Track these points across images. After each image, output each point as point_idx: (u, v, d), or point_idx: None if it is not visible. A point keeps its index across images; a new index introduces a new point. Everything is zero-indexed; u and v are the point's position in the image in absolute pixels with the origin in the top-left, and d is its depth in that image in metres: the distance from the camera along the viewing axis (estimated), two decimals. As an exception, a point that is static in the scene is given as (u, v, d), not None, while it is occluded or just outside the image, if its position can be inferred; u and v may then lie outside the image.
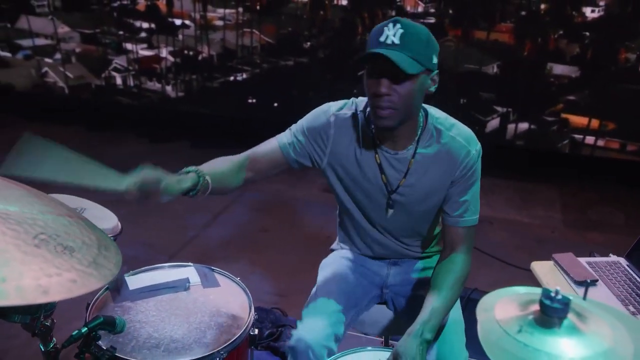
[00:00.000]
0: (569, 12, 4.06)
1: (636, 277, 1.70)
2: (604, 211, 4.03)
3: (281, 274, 3.22)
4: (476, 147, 1.54)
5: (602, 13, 3.99)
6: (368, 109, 1.53)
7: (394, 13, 4.42)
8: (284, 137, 1.63)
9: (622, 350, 0.77)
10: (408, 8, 4.38)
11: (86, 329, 1.26)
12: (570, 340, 0.79)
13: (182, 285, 1.65)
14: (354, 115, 1.57)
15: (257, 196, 4.17)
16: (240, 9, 4.79)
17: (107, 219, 1.84)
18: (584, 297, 0.99)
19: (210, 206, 4.00)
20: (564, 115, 4.29)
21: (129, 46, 5.24)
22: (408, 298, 1.71)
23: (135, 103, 5.41)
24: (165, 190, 1.31)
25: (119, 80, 5.42)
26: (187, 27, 5.00)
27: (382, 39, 1.36)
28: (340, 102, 1.63)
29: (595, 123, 4.24)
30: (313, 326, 1.55)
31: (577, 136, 4.30)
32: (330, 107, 1.62)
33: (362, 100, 1.59)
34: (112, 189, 1.24)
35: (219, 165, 1.56)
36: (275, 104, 5.02)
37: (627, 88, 4.10)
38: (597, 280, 1.66)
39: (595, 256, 1.83)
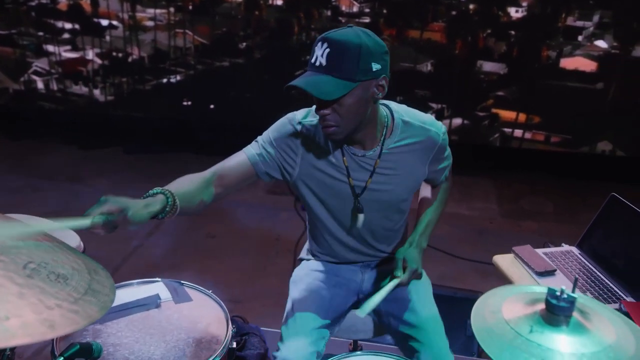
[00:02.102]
0: (496, 12, 4.26)
1: (589, 264, 1.82)
2: (536, 201, 4.27)
3: (233, 280, 3.17)
4: (443, 129, 1.62)
5: (525, 13, 4.22)
6: None
7: (329, 13, 4.46)
8: (252, 149, 1.60)
9: (625, 343, 0.82)
10: (343, 8, 4.43)
11: (62, 358, 1.18)
12: (579, 337, 0.84)
13: (152, 303, 1.59)
14: (319, 122, 1.54)
15: (201, 201, 4.08)
16: (172, 9, 4.65)
17: (68, 238, 1.73)
18: (573, 291, 1.06)
19: (151, 214, 3.86)
20: (494, 110, 4.50)
21: (50, 48, 4.95)
22: (384, 300, 1.73)
23: (61, 108, 5.12)
24: (133, 219, 1.22)
25: (40, 85, 5.11)
26: (115, 27, 4.79)
27: (312, 60, 1.39)
28: (303, 111, 1.62)
29: (522, 117, 4.49)
30: (295, 346, 1.55)
31: (506, 130, 4.53)
32: (295, 116, 1.61)
33: None
34: (77, 226, 1.14)
35: (186, 184, 1.48)
36: (212, 106, 4.92)
37: (550, 83, 4.37)
38: (555, 270, 1.77)
39: (549, 246, 1.94)
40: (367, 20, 4.39)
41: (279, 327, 2.60)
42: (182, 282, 1.70)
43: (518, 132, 4.53)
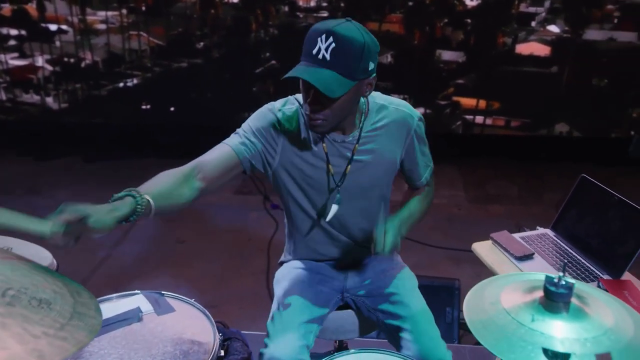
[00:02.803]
0: (451, 1, 4.31)
1: (564, 246, 1.86)
2: (500, 185, 4.36)
3: (207, 285, 3.12)
4: (418, 114, 1.63)
5: (479, 1, 4.29)
6: None
7: (287, 9, 4.42)
8: (235, 140, 1.56)
9: (624, 325, 0.83)
10: (301, 3, 4.40)
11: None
12: (580, 322, 0.85)
13: (134, 316, 1.53)
14: (298, 110, 1.57)
15: (167, 206, 3.99)
16: (124, 11, 4.51)
17: (40, 257, 1.65)
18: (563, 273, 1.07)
19: (117, 223, 3.75)
20: (455, 99, 4.57)
21: (-5, 56, 4.74)
22: (370, 296, 1.73)
23: (11, 118, 4.91)
24: (97, 226, 1.13)
25: (-13, 95, 4.89)
26: (65, 32, 4.62)
27: (314, 51, 1.35)
28: (280, 100, 1.62)
29: (482, 103, 4.56)
30: (283, 342, 1.52)
31: (468, 117, 4.60)
32: (274, 105, 1.61)
33: (299, 96, 1.57)
34: (37, 232, 1.07)
35: (162, 181, 1.41)
36: (172, 108, 4.82)
37: (506, 69, 4.45)
38: (533, 254, 1.80)
39: (525, 230, 1.97)
40: (325, 14, 4.37)
41: (259, 329, 2.56)
42: (162, 292, 1.65)
43: (479, 119, 4.61)
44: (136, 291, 1.65)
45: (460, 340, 2.62)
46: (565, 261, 1.06)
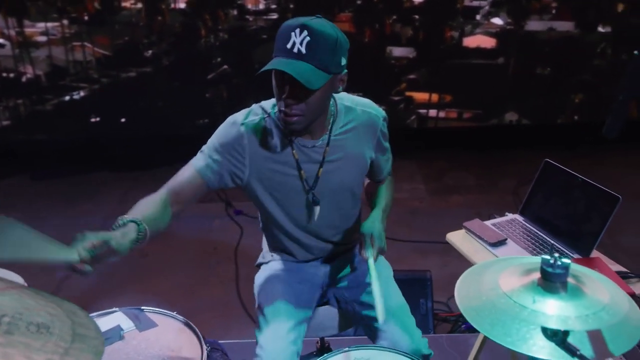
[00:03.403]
0: (399, -1, 4.39)
1: (533, 229, 1.92)
2: (457, 176, 4.47)
3: (176, 297, 3.05)
4: (383, 113, 1.66)
5: (426, -3, 4.38)
6: (275, 110, 1.53)
7: (235, 12, 4.38)
8: (199, 161, 1.56)
9: (619, 300, 0.87)
10: (249, 6, 4.37)
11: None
12: (579, 300, 0.88)
13: (115, 335, 1.48)
14: (263, 120, 1.55)
15: (127, 220, 3.87)
16: (65, 21, 4.35)
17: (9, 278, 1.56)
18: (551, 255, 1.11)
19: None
20: (408, 94, 4.64)
21: None
22: (350, 287, 1.74)
23: (-51, 139, 4.66)
24: (119, 249, 1.22)
25: None
26: (2, 46, 4.41)
27: (289, 45, 1.35)
28: (243, 112, 1.59)
29: (435, 97, 4.66)
30: (276, 351, 1.52)
31: (421, 111, 4.69)
32: (236, 118, 1.57)
33: (267, 103, 1.59)
34: (63, 260, 1.15)
35: (147, 208, 1.43)
36: (123, 120, 4.68)
37: (455, 63, 4.57)
38: (506, 239, 1.86)
39: (495, 217, 2.02)
40: (275, 16, 4.36)
41: (234, 338, 2.54)
42: (142, 307, 1.60)
43: (433, 112, 4.70)
44: (114, 309, 1.60)
45: (435, 330, 2.67)
46: (553, 243, 1.09)
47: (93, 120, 4.67)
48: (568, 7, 4.47)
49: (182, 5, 4.37)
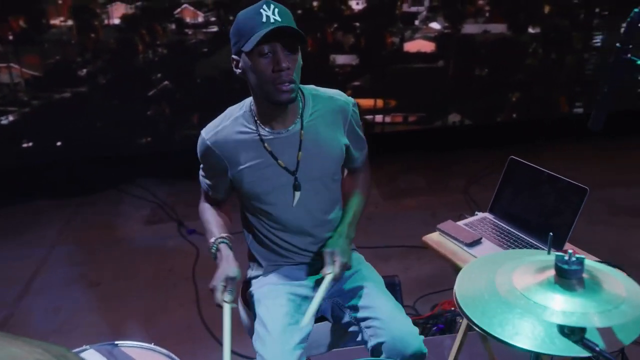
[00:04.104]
0: (338, 6, 4.40)
1: (505, 226, 1.95)
2: (409, 179, 4.52)
3: (134, 326, 2.89)
4: (351, 99, 1.70)
5: (365, 4, 4.42)
6: (244, 110, 1.61)
7: (174, 26, 4.25)
8: (203, 183, 1.78)
9: (636, 295, 0.87)
10: (188, 19, 4.26)
11: None
12: (599, 295, 0.87)
13: (91, 376, 1.37)
14: (227, 126, 1.61)
15: (72, 248, 3.65)
16: (-11, 42, 4.08)
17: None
18: (549, 252, 1.11)
19: (15, 275, 3.37)
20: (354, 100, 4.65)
21: None
22: (341, 294, 1.70)
23: None
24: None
25: None
26: None
27: (264, 19, 1.43)
28: (209, 126, 1.66)
29: (380, 103, 4.71)
30: None
31: (368, 117, 4.72)
32: (202, 134, 1.65)
33: (234, 107, 1.66)
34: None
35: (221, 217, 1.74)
36: (59, 143, 4.42)
37: (398, 68, 4.64)
38: (481, 238, 1.87)
39: (465, 217, 2.04)
40: (215, 29, 4.27)
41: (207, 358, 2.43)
42: (115, 342, 1.49)
43: (379, 118, 4.74)
44: (84, 346, 1.47)
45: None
46: (551, 234, 1.10)
47: (25, 145, 4.39)
48: (500, 10, 4.64)
49: (117, 21, 4.20)
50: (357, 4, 4.41)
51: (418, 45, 4.58)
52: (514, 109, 4.98)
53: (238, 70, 1.55)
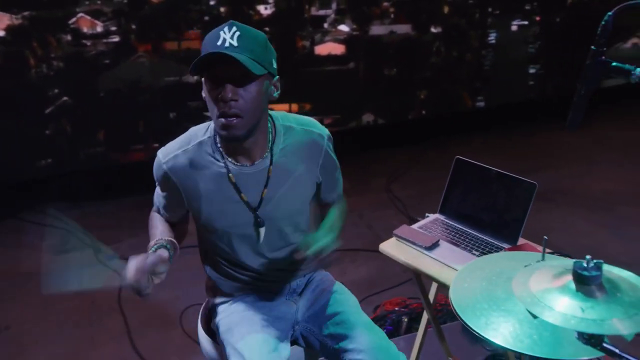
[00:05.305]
0: (247, 12, 4.30)
1: (458, 226, 1.97)
2: (332, 181, 4.51)
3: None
4: (325, 132, 1.60)
5: (273, 9, 4.36)
6: (210, 135, 1.46)
7: (69, 37, 3.92)
8: (158, 201, 1.64)
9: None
10: (85, 30, 3.94)
11: None
12: (619, 298, 0.87)
13: None
14: (189, 151, 1.46)
15: (-26, 291, 3.25)
16: None
17: None
18: (543, 257, 1.11)
19: None
20: (269, 106, 4.56)
21: None
22: (316, 319, 1.63)
23: None
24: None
25: None
26: None
27: (219, 42, 1.30)
28: (169, 146, 1.50)
29: (295, 107, 4.66)
30: None
31: (284, 123, 4.65)
32: (159, 157, 1.50)
33: (199, 128, 1.51)
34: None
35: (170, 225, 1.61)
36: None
37: (310, 71, 4.62)
38: (438, 240, 1.87)
39: (418, 220, 2.04)
40: (116, 39, 3.98)
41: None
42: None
43: (295, 123, 4.69)
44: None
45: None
46: (545, 237, 1.10)
47: None
48: (403, 11, 4.78)
49: (1, 34, 3.79)
50: (266, 8, 4.33)
51: (329, 48, 4.60)
52: (423, 105, 5.16)
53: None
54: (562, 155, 4.80)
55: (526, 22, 5.26)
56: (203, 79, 1.36)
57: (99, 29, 3.97)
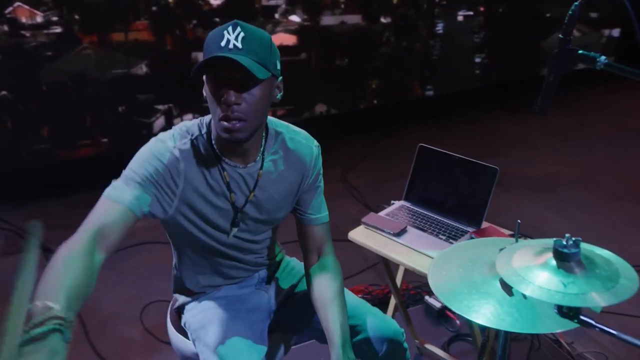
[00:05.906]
0: (197, 2, 4.20)
1: (424, 212, 2.01)
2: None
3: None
4: (315, 144, 1.56)
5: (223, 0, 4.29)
6: (204, 131, 1.41)
7: (6, 28, 3.72)
8: (126, 195, 1.30)
9: (625, 269, 0.94)
10: (23, 20, 3.74)
11: None
12: (597, 272, 0.92)
13: None
14: (193, 142, 1.39)
15: None
16: None
17: None
18: (516, 240, 1.16)
19: None
20: (223, 98, 4.50)
21: None
22: (298, 313, 1.63)
23: None
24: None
25: None
26: None
27: (222, 43, 1.25)
28: (168, 134, 1.40)
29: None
30: None
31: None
32: (166, 142, 1.38)
33: (192, 124, 1.43)
34: None
35: (70, 277, 1.10)
36: None
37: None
38: (406, 226, 1.91)
39: (384, 208, 2.07)
40: (58, 29, 3.81)
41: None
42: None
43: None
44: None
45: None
46: (519, 221, 1.15)
47: None
48: (354, 1, 4.80)
49: None
50: (216, -1, 4.25)
51: (281, 38, 4.57)
52: (374, 95, 5.21)
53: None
54: (507, 141, 4.98)
55: (471, 13, 5.40)
56: (205, 78, 1.31)
57: (39, 19, 3.78)
